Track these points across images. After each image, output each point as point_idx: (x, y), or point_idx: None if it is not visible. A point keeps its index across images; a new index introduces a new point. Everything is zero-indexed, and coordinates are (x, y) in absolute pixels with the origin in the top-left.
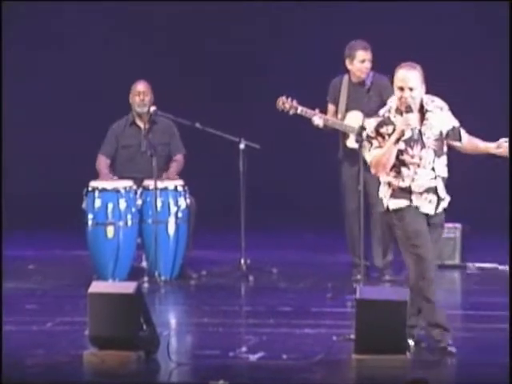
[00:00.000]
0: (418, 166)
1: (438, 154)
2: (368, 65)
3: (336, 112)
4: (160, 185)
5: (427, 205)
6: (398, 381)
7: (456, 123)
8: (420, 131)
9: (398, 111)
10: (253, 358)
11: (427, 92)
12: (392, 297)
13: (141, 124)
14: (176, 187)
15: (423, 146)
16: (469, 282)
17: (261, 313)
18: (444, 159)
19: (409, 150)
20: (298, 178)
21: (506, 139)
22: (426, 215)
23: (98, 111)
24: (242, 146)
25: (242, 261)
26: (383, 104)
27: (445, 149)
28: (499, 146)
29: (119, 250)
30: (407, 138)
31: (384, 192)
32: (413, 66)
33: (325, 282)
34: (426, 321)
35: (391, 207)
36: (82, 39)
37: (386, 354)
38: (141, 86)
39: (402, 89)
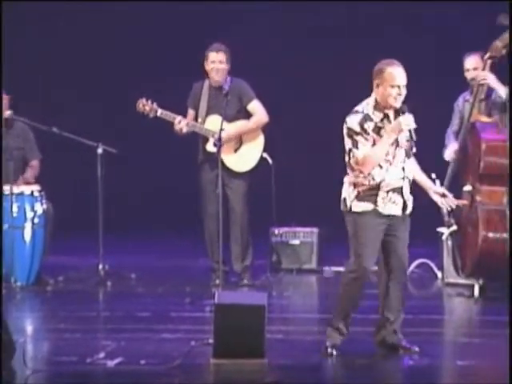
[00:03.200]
0: (390, 164)
1: (408, 154)
2: (218, 66)
3: (196, 116)
4: (16, 190)
5: (391, 205)
6: None
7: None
8: None
9: (377, 108)
10: (111, 363)
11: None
12: (250, 301)
13: None
14: (32, 192)
15: (397, 145)
16: (325, 285)
17: (119, 318)
18: (412, 162)
19: None
20: (156, 182)
21: (447, 193)
22: (389, 218)
23: None
24: (99, 150)
25: (100, 266)
26: (242, 108)
27: (413, 151)
28: (438, 194)
29: None
30: None
31: (349, 193)
32: (399, 63)
33: (183, 286)
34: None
35: (355, 209)
36: None
37: (244, 358)
38: None
39: (397, 87)
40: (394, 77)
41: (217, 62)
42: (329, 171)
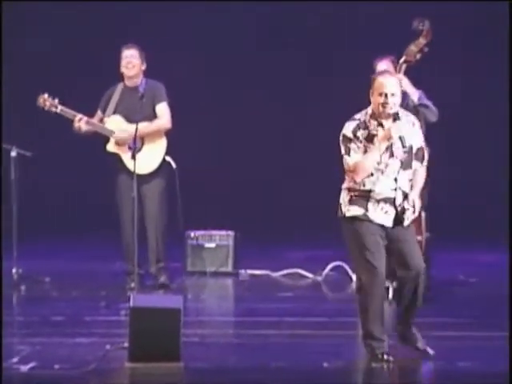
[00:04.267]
0: (382, 173)
1: (404, 166)
2: (130, 59)
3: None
4: None
5: (383, 215)
6: None
7: (423, 144)
8: None
9: (374, 117)
10: (24, 368)
11: None
12: (166, 304)
13: None
14: None
15: (391, 155)
16: (241, 288)
17: (33, 322)
18: (410, 173)
19: None
20: (71, 185)
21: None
22: (383, 227)
23: None
24: (13, 153)
25: (14, 270)
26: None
27: (413, 164)
28: None
29: None
30: None
31: (343, 198)
32: (391, 73)
33: (98, 290)
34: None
35: (347, 214)
36: None
37: (159, 361)
38: None
39: (384, 95)
40: (382, 85)
41: (129, 56)
42: (248, 175)
